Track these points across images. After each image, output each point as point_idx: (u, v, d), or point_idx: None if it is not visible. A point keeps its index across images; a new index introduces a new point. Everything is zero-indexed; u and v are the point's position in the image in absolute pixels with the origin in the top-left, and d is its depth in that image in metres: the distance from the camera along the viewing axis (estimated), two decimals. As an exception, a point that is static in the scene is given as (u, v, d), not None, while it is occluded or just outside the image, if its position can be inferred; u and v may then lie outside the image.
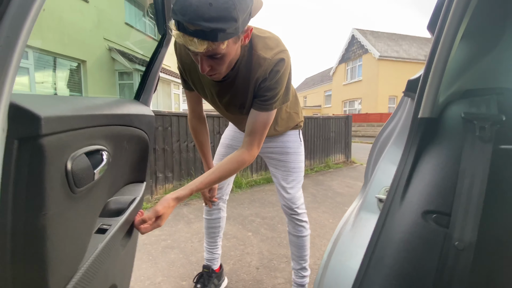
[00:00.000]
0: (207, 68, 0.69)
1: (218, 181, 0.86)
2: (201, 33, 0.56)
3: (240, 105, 0.91)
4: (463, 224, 0.52)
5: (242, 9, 0.59)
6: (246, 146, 0.88)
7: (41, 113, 0.35)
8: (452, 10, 0.57)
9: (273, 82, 0.81)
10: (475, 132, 0.58)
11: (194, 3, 0.54)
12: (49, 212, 0.37)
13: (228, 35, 0.60)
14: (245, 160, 0.87)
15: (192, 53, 0.67)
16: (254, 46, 0.81)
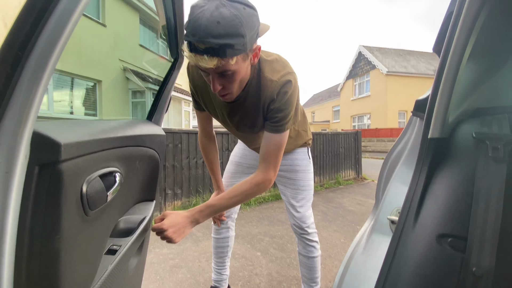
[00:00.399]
0: (218, 86, 0.71)
1: (234, 205, 0.87)
2: (211, 50, 0.60)
3: (250, 124, 0.93)
4: (480, 248, 0.50)
5: (249, 27, 0.63)
6: (261, 170, 0.86)
7: (61, 139, 0.37)
8: (458, 31, 0.58)
9: (282, 104, 0.82)
10: (488, 152, 0.57)
11: (203, 23, 0.58)
12: (63, 235, 0.38)
13: (237, 51, 0.63)
14: (259, 182, 0.85)
15: (204, 72, 0.70)
16: (262, 69, 0.84)
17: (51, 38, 0.32)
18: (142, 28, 5.84)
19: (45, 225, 0.36)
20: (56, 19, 0.33)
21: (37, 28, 0.32)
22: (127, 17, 5.63)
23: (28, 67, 0.32)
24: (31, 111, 0.33)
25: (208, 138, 1.17)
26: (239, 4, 0.61)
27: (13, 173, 0.32)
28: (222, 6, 0.59)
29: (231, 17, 0.59)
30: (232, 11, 0.59)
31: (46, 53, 0.32)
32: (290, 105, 0.84)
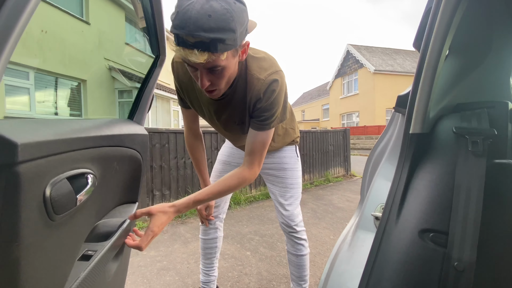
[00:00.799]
0: (207, 82, 0.68)
1: (218, 195, 0.86)
2: (201, 44, 0.57)
3: (239, 121, 0.91)
4: (462, 243, 0.50)
5: (240, 22, 0.61)
6: (247, 165, 0.88)
7: (18, 139, 0.34)
8: (436, 26, 0.58)
9: (269, 103, 0.81)
10: (467, 147, 0.57)
11: (193, 16, 0.55)
12: (23, 242, 0.35)
13: (227, 46, 0.60)
14: (246, 177, 0.87)
15: (191, 68, 0.67)
16: (249, 67, 0.82)
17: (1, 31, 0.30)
18: (128, 26, 5.70)
19: (1, 233, 0.34)
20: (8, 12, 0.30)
21: None
22: (112, 15, 5.48)
23: None
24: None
25: (194, 136, 1.14)
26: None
27: (-39, 177, 0.29)
28: None
29: (222, 11, 0.56)
30: (223, 5, 0.57)
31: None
32: (276, 104, 0.83)
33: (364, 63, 17.06)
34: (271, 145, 1.15)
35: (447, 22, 0.56)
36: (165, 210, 0.76)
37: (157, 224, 0.73)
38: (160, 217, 0.75)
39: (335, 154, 5.20)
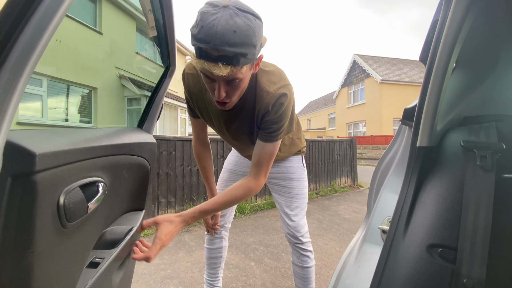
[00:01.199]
0: (223, 94, 0.70)
1: (224, 206, 0.85)
2: (225, 58, 0.59)
3: (247, 131, 0.93)
4: (471, 259, 0.49)
5: (259, 37, 0.64)
6: (253, 176, 0.88)
7: (36, 149, 0.35)
8: (443, 40, 0.59)
9: (277, 116, 0.82)
10: (476, 161, 0.56)
11: (219, 31, 0.57)
12: (37, 249, 0.37)
13: (248, 60, 0.64)
14: (252, 188, 0.87)
15: (209, 79, 0.69)
16: (259, 79, 0.84)
17: (26, 47, 0.32)
18: (139, 36, 5.88)
19: (17, 239, 0.35)
20: (32, 29, 0.32)
21: (12, 37, 0.31)
22: (124, 25, 5.66)
23: (1, 76, 0.31)
24: (4, 121, 0.31)
25: (202, 145, 1.16)
26: (250, 15, 0.61)
27: (-18, 185, 0.31)
28: (235, 15, 0.59)
29: (245, 27, 0.59)
30: (245, 21, 0.60)
31: (20, 63, 0.31)
32: (284, 117, 0.84)
33: (370, 72, 17.06)
34: (278, 155, 1.15)
35: (453, 36, 0.57)
36: (171, 219, 0.76)
37: (164, 233, 0.73)
38: (167, 226, 0.74)
39: (341, 164, 5.16)
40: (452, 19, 0.56)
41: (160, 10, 0.85)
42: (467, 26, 0.58)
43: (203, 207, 0.82)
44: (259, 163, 0.88)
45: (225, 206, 0.86)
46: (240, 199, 0.87)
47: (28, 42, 0.32)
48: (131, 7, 5.07)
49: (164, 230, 0.73)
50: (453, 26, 0.56)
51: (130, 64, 6.29)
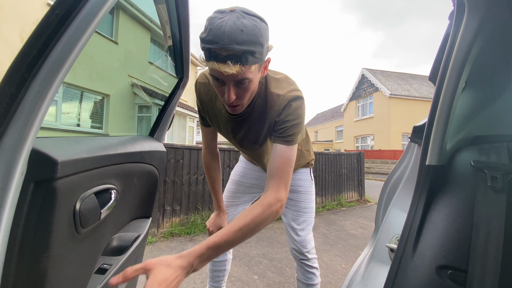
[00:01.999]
0: (233, 96, 0.71)
1: (241, 235, 0.64)
2: (234, 57, 0.62)
3: (253, 140, 0.93)
4: (481, 282, 0.48)
5: (266, 38, 0.67)
6: (272, 188, 0.73)
7: (58, 157, 0.37)
8: (452, 61, 0.59)
9: (289, 114, 0.81)
10: (486, 181, 0.56)
11: (227, 31, 0.60)
12: (52, 253, 0.38)
13: (256, 59, 0.65)
14: (271, 203, 0.69)
15: (219, 83, 0.70)
16: (269, 86, 0.85)
17: (56, 62, 0.34)
18: (153, 46, 6.08)
19: (35, 243, 0.36)
20: (63, 45, 0.35)
21: (44, 52, 0.34)
22: (139, 35, 5.87)
23: (32, 88, 0.33)
24: (32, 130, 0.34)
25: (211, 155, 1.16)
26: (256, 18, 0.65)
27: (8, 189, 0.32)
28: (242, 17, 0.63)
29: (252, 26, 0.62)
30: (252, 22, 0.63)
31: (50, 76, 0.34)
32: (298, 117, 0.82)
33: (379, 87, 17.04)
34: None
35: (464, 56, 0.58)
36: (168, 262, 0.53)
37: (157, 281, 0.50)
38: (162, 271, 0.52)
39: (348, 178, 5.09)
40: (463, 37, 0.57)
41: (177, 23, 0.88)
42: (477, 46, 0.58)
43: (213, 241, 0.59)
44: (276, 171, 0.75)
45: (242, 233, 0.64)
46: (260, 220, 0.66)
47: (58, 58, 0.35)
48: (148, 20, 5.28)
49: (156, 277, 0.50)
50: (463, 46, 0.57)
51: (143, 73, 6.46)
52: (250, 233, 0.65)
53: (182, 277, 0.55)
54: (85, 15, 0.36)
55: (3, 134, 0.32)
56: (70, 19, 0.35)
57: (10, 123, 0.32)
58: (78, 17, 0.35)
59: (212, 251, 0.58)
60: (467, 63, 0.58)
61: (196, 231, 2.87)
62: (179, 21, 0.87)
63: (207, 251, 0.58)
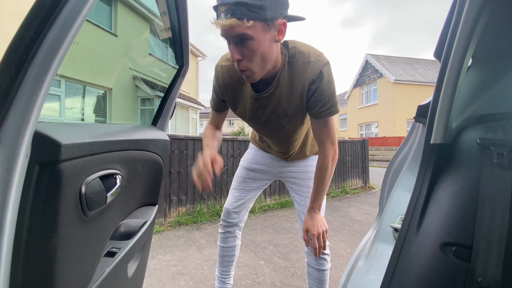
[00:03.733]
0: (237, 55, 0.72)
1: (326, 188, 0.98)
2: (229, 11, 0.64)
3: (282, 114, 0.92)
4: (486, 258, 0.48)
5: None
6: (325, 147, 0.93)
7: (62, 140, 0.38)
8: (458, 35, 0.58)
9: (325, 82, 0.81)
10: (492, 158, 0.55)
11: None
12: (60, 233, 0.39)
13: (253, 14, 0.66)
14: (328, 156, 0.93)
15: (227, 43, 0.73)
16: (292, 55, 0.83)
17: (54, 43, 0.34)
18: (153, 37, 6.02)
19: (43, 223, 0.37)
20: (59, 26, 0.34)
21: (41, 33, 0.33)
22: (138, 27, 5.81)
23: (31, 70, 0.33)
24: (33, 112, 0.34)
25: (215, 127, 1.12)
26: None
27: (14, 171, 0.33)
28: None
29: None
30: None
31: (48, 57, 0.34)
32: (333, 84, 0.84)
33: (383, 72, 16.73)
34: (301, 153, 1.15)
35: (469, 31, 0.56)
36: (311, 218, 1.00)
37: None
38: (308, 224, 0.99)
39: (353, 165, 5.08)
40: (468, 13, 0.55)
41: (176, 11, 0.87)
42: (483, 21, 0.56)
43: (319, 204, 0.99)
44: (325, 139, 0.92)
45: (324, 185, 0.96)
46: (327, 169, 0.94)
47: (54, 41, 0.35)
48: (145, 10, 5.20)
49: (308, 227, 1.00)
50: (468, 20, 0.55)
51: (144, 65, 6.44)
52: (328, 182, 0.98)
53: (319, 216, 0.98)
54: (80, -6, 0.35)
55: (5, 117, 0.32)
56: (64, -1, 0.35)
57: (11, 105, 0.32)
58: (73, -4, 0.35)
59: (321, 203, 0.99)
60: (473, 38, 0.56)
61: (202, 220, 2.92)
62: (177, 8, 0.86)
63: (318, 207, 0.98)
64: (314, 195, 0.98)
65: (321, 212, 1.07)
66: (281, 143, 1.10)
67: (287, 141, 1.08)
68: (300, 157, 1.17)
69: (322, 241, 0.95)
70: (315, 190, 0.98)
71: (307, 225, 0.97)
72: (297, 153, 1.16)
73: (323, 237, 0.95)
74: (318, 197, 0.98)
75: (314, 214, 0.98)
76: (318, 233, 0.93)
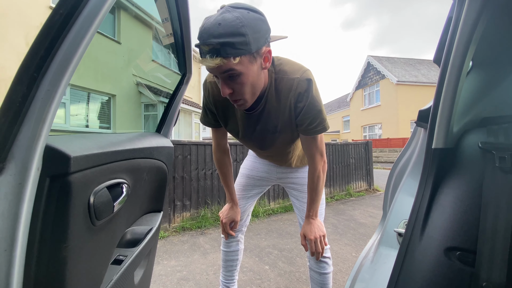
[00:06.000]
0: (227, 90, 0.72)
1: (320, 196, 1.02)
2: (212, 51, 0.63)
3: (272, 129, 0.93)
4: (491, 262, 0.48)
5: (252, 28, 0.65)
6: (314, 161, 0.96)
7: (71, 152, 0.39)
8: (457, 40, 0.58)
9: (311, 99, 0.82)
10: (495, 162, 0.55)
11: (206, 27, 0.63)
12: (70, 244, 0.40)
13: (239, 50, 0.65)
14: (316, 168, 0.96)
15: (216, 79, 0.73)
16: (280, 72, 0.84)
17: (63, 61, 0.36)
18: (155, 44, 6.10)
19: (53, 234, 0.38)
20: (68, 45, 0.36)
21: (51, 52, 0.35)
22: (141, 34, 5.89)
23: (42, 87, 0.35)
24: (44, 127, 0.35)
25: (222, 151, 1.16)
26: (243, 10, 0.65)
27: (26, 185, 0.34)
28: (226, 12, 0.64)
29: (232, 18, 0.63)
30: (234, 15, 0.63)
31: (59, 74, 0.35)
32: (320, 100, 0.85)
33: (386, 74, 16.69)
34: (300, 161, 1.16)
35: (468, 35, 0.56)
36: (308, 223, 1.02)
37: None
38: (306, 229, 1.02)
39: (356, 168, 5.06)
40: (466, 17, 0.55)
41: (178, 19, 0.89)
42: (482, 24, 0.57)
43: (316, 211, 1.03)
44: (314, 152, 0.94)
45: (317, 194, 1.00)
46: (319, 179, 0.99)
47: (64, 59, 0.36)
48: (148, 17, 5.29)
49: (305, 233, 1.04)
50: (467, 24, 0.56)
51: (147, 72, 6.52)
52: (318, 191, 1.01)
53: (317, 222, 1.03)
54: (88, 13, 0.37)
55: (18, 132, 0.34)
56: (73, 18, 0.36)
57: (23, 121, 0.34)
58: (81, 15, 0.36)
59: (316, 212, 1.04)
60: (471, 43, 0.57)
61: (206, 225, 2.92)
62: (179, 16, 0.88)
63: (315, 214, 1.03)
64: (309, 204, 1.01)
65: (319, 218, 1.08)
66: (276, 157, 1.13)
67: (281, 154, 1.10)
68: (299, 165, 1.18)
69: (319, 246, 0.97)
70: (310, 199, 1.01)
71: (304, 231, 1.00)
72: (296, 162, 1.17)
73: (320, 242, 0.97)
74: (314, 205, 1.01)
75: (311, 220, 1.01)
76: (315, 238, 0.96)
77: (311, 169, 0.98)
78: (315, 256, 1.00)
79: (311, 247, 0.98)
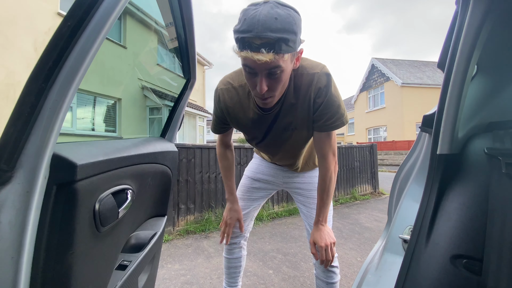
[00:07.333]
0: (265, 87, 0.71)
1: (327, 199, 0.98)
2: (267, 44, 0.62)
3: (288, 126, 0.93)
4: (498, 271, 0.47)
5: (299, 27, 0.66)
6: (325, 159, 0.93)
7: (77, 160, 0.40)
8: (461, 46, 0.58)
9: (331, 94, 0.82)
10: (501, 168, 0.55)
11: (261, 19, 0.61)
12: (76, 250, 0.41)
13: (289, 48, 0.65)
14: (327, 167, 0.93)
15: (251, 75, 0.71)
16: (299, 68, 0.84)
17: (70, 72, 0.36)
18: (160, 48, 6.17)
19: (59, 241, 0.39)
20: (76, 56, 0.37)
21: (59, 63, 0.36)
22: (147, 39, 5.97)
23: (50, 97, 0.35)
24: (52, 136, 0.36)
25: (225, 146, 1.17)
26: (289, 8, 0.65)
27: (33, 192, 0.35)
28: (276, 7, 0.63)
29: (286, 15, 0.63)
30: (286, 11, 0.63)
31: (66, 85, 0.36)
32: (339, 95, 0.84)
33: (390, 76, 16.59)
34: (307, 165, 1.15)
35: (472, 40, 0.56)
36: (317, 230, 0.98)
37: None
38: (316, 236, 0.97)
39: (361, 171, 5.02)
40: (470, 22, 0.55)
41: (182, 24, 0.90)
42: (487, 29, 0.57)
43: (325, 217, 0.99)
44: (327, 151, 0.92)
45: (328, 196, 0.97)
46: (331, 180, 0.95)
47: (72, 67, 0.37)
48: (154, 22, 5.36)
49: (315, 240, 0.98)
50: (471, 29, 0.56)
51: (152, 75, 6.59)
52: (332, 191, 0.98)
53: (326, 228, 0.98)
54: (95, 25, 0.38)
55: (26, 141, 0.35)
56: (81, 30, 0.37)
57: (32, 130, 0.35)
58: (88, 27, 0.37)
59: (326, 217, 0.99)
60: (476, 48, 0.57)
61: (210, 228, 2.92)
62: (183, 22, 0.89)
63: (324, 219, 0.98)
64: (319, 208, 0.98)
65: (328, 224, 1.05)
66: (287, 156, 1.10)
67: (294, 154, 1.08)
68: (306, 168, 1.17)
69: (330, 254, 0.94)
70: (320, 202, 0.98)
71: (314, 238, 0.97)
72: (304, 164, 1.16)
73: (331, 249, 0.94)
74: (324, 209, 0.98)
75: (320, 226, 0.98)
76: (326, 245, 0.93)
77: (323, 169, 0.95)
78: (324, 264, 0.96)
79: (321, 255, 0.95)
